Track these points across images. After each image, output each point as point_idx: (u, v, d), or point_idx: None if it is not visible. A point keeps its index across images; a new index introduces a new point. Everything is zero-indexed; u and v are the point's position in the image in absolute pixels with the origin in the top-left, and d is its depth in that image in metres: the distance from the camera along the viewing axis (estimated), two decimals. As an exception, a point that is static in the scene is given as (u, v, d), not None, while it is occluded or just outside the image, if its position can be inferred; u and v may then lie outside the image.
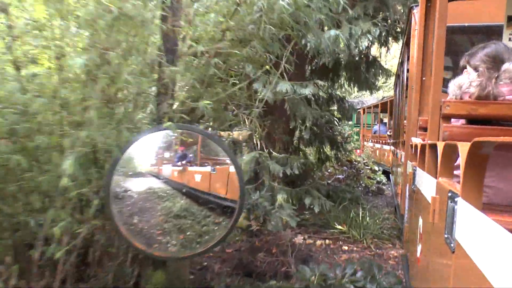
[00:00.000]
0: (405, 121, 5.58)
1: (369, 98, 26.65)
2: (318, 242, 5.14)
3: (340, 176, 9.32)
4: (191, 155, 3.29)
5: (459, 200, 1.24)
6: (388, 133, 12.77)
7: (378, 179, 11.77)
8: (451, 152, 1.65)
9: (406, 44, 5.75)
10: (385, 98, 15.71)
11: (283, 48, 3.17)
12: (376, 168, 11.68)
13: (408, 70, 5.59)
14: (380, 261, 4.69)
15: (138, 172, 3.23)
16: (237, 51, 2.64)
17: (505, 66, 2.11)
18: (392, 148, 9.22)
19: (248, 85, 4.43)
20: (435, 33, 2.37)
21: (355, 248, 5.04)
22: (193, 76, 2.67)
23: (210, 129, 3.69)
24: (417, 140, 3.15)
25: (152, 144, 3.20)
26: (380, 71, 9.05)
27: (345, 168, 9.38)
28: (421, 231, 2.34)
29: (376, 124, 17.14)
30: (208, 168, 2.98)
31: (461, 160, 1.25)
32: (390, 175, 10.52)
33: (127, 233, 2.67)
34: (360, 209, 6.08)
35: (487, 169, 1.21)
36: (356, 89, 11.58)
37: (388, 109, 14.12)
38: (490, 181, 1.81)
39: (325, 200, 5.34)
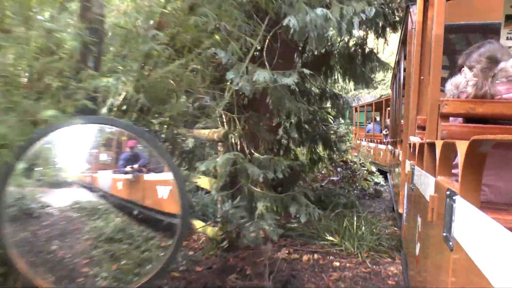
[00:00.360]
0: (402, 120, 5.50)
1: (366, 96, 26.09)
2: (305, 257, 4.43)
3: (334, 178, 8.62)
4: (143, 158, 2.55)
5: (458, 198, 1.26)
6: (384, 132, 12.81)
7: (376, 180, 11.09)
8: (449, 151, 1.65)
9: (403, 43, 5.73)
10: (382, 97, 15.36)
11: (252, 21, 2.44)
12: (374, 169, 10.98)
13: (405, 69, 5.56)
14: (377, 281, 3.98)
15: (63, 181, 2.49)
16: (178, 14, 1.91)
17: (502, 65, 2.11)
18: (390, 147, 8.98)
19: (216, 71, 3.72)
20: (433, 32, 2.40)
21: (348, 264, 4.33)
22: (125, 52, 1.93)
23: (165, 126, 2.95)
24: (415, 139, 3.12)
25: (85, 143, 2.47)
26: (377, 64, 8.32)
27: (339, 169, 8.66)
28: (419, 229, 2.33)
29: (369, 123, 17.19)
30: (162, 176, 2.26)
31: (459, 159, 1.26)
32: (388, 174, 10.23)
33: (24, 264, 1.94)
34: (355, 217, 5.34)
35: (485, 167, 1.19)
36: (352, 84, 11.03)
37: (384, 108, 13.99)
38: (489, 179, 1.80)
39: (314, 208, 4.63)
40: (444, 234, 1.39)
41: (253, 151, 4.95)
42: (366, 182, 8.95)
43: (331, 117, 9.59)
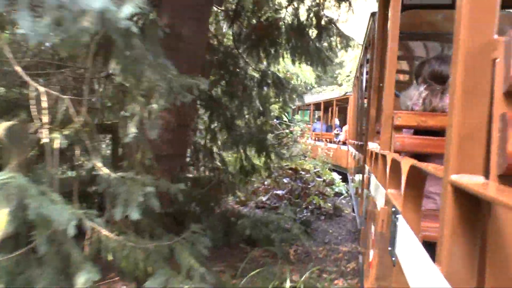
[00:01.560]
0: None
1: (331, 94, 24.49)
2: None
3: (279, 192, 6.43)
4: None
5: (400, 217, 1.34)
6: (335, 131, 13.80)
7: (337, 189, 9.02)
8: (397, 168, 1.73)
9: (366, 48, 6.05)
10: (347, 94, 14.43)
11: None
12: (336, 177, 8.93)
13: (367, 73, 5.87)
14: None
15: None
16: None
17: None
18: (352, 150, 8.29)
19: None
20: (388, 46, 2.56)
21: None
22: None
23: None
24: (374, 145, 3.24)
25: None
26: (339, 39, 6.15)
27: (286, 179, 6.48)
28: (373, 237, 2.37)
29: (315, 122, 17.72)
30: None
31: (402, 178, 1.35)
32: (348, 176, 9.66)
33: None
34: (288, 278, 3.13)
35: (436, 177, 1.17)
36: (306, 67, 9.33)
37: (334, 107, 14.92)
38: (439, 188, 1.54)
39: (204, 273, 2.41)
40: (390, 248, 1.46)
41: (99, 165, 2.68)
42: (322, 199, 6.77)
43: (285, 112, 7.59)
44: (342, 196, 8.49)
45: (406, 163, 1.35)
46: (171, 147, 4.17)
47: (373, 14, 4.88)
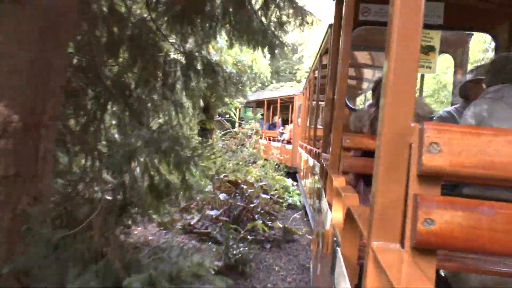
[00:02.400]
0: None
1: (290, 91, 23.45)
2: None
3: (213, 212, 4.91)
4: None
5: (339, 251, 1.40)
6: (280, 130, 14.24)
7: (290, 200, 7.69)
8: (340, 197, 1.81)
9: (321, 55, 6.46)
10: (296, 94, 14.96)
11: None
12: (289, 183, 7.61)
13: (322, 77, 6.42)
14: None
15: None
16: None
17: None
18: (304, 153, 8.27)
19: None
20: (337, 79, 2.67)
21: None
22: None
23: None
24: (326, 157, 3.24)
25: None
26: (292, 12, 4.66)
27: (223, 196, 4.99)
28: (322, 251, 2.40)
29: (259, 121, 17.87)
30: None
31: (344, 213, 1.48)
32: (298, 178, 9.69)
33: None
34: None
35: None
36: (261, 59, 7.93)
37: (279, 107, 14.99)
38: None
39: None
40: (330, 274, 1.52)
41: None
42: (269, 219, 5.29)
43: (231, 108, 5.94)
44: (298, 213, 7.04)
45: (347, 201, 1.51)
46: (14, 163, 2.57)
47: (330, 26, 5.02)
